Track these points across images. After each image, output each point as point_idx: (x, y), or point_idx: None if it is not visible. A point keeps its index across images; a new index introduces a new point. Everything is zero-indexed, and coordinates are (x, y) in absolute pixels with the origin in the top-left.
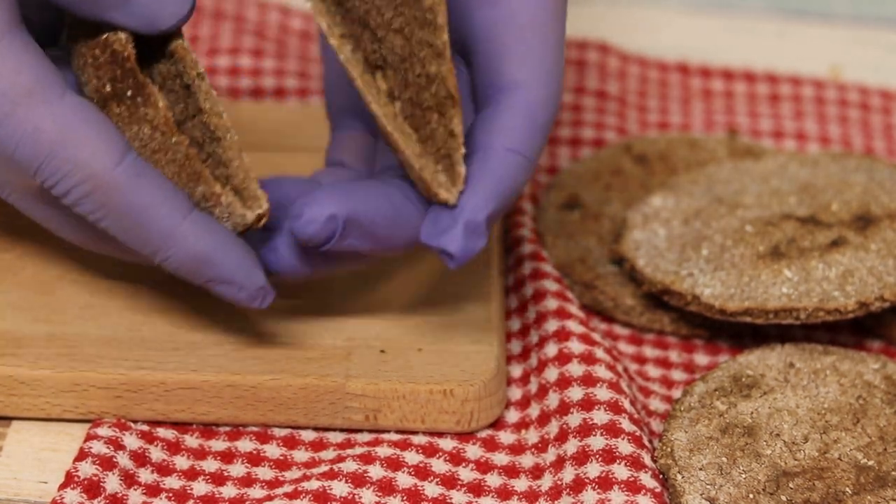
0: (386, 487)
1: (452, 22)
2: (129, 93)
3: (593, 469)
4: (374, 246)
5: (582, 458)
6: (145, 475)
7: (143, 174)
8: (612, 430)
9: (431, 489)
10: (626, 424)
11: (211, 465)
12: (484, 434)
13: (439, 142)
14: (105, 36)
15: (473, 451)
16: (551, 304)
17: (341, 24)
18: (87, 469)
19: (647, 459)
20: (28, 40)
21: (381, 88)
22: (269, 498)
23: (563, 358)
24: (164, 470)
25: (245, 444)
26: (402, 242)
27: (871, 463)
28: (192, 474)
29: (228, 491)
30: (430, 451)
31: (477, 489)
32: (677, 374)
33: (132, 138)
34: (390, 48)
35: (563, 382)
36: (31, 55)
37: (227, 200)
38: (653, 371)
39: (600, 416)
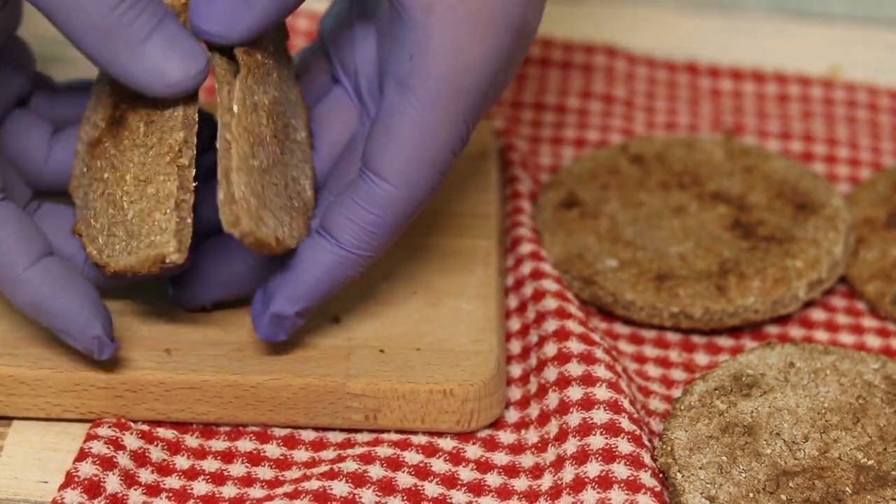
0: (386, 487)
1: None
2: None
3: (593, 468)
4: None
5: (582, 457)
6: (145, 475)
7: None
8: (611, 429)
9: (431, 489)
10: (625, 423)
11: (211, 464)
12: (484, 434)
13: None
14: None
15: (473, 450)
16: (551, 303)
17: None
18: (87, 469)
19: (646, 458)
20: None
21: None
22: (270, 498)
23: (563, 357)
24: (164, 470)
25: (245, 444)
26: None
27: (870, 462)
28: (192, 474)
29: (228, 491)
30: (430, 450)
31: (477, 489)
32: (677, 374)
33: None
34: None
35: (563, 382)
36: None
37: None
38: (653, 370)
39: (600, 416)
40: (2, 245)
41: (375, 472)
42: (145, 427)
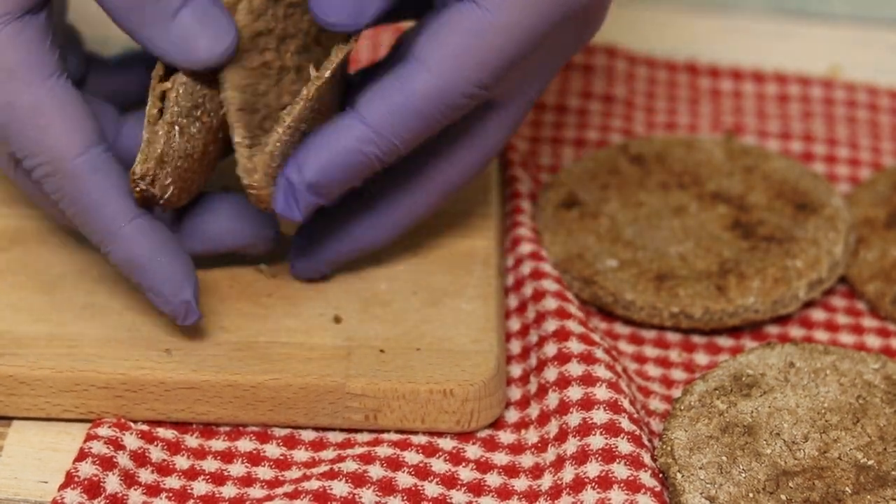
0: (386, 487)
1: None
2: None
3: (593, 468)
4: None
5: (581, 457)
6: (145, 475)
7: (102, 170)
8: (611, 429)
9: (431, 489)
10: (625, 424)
11: (211, 464)
12: (484, 434)
13: None
14: None
15: (473, 450)
16: (551, 303)
17: None
18: (87, 469)
19: (646, 458)
20: (30, 23)
21: None
22: (269, 498)
23: (563, 357)
24: (164, 470)
25: (245, 444)
26: None
27: (870, 462)
28: (192, 474)
29: (228, 491)
30: (430, 450)
31: (477, 489)
32: (677, 374)
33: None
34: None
35: (563, 382)
36: (27, 36)
37: None
38: (653, 370)
39: (600, 416)
40: (104, 198)
41: (375, 472)
42: (145, 427)
